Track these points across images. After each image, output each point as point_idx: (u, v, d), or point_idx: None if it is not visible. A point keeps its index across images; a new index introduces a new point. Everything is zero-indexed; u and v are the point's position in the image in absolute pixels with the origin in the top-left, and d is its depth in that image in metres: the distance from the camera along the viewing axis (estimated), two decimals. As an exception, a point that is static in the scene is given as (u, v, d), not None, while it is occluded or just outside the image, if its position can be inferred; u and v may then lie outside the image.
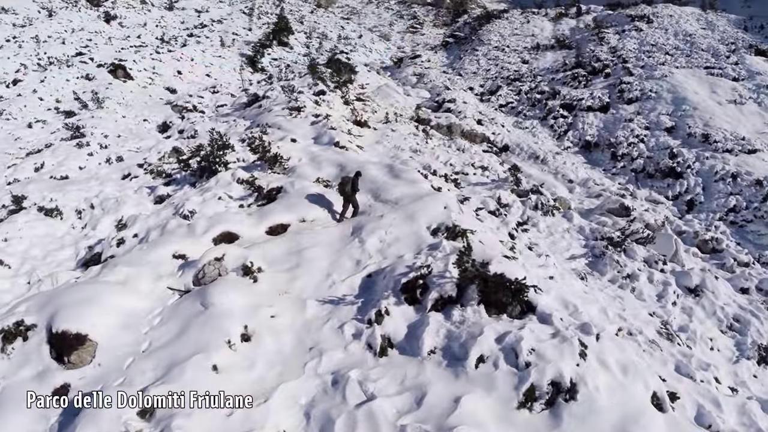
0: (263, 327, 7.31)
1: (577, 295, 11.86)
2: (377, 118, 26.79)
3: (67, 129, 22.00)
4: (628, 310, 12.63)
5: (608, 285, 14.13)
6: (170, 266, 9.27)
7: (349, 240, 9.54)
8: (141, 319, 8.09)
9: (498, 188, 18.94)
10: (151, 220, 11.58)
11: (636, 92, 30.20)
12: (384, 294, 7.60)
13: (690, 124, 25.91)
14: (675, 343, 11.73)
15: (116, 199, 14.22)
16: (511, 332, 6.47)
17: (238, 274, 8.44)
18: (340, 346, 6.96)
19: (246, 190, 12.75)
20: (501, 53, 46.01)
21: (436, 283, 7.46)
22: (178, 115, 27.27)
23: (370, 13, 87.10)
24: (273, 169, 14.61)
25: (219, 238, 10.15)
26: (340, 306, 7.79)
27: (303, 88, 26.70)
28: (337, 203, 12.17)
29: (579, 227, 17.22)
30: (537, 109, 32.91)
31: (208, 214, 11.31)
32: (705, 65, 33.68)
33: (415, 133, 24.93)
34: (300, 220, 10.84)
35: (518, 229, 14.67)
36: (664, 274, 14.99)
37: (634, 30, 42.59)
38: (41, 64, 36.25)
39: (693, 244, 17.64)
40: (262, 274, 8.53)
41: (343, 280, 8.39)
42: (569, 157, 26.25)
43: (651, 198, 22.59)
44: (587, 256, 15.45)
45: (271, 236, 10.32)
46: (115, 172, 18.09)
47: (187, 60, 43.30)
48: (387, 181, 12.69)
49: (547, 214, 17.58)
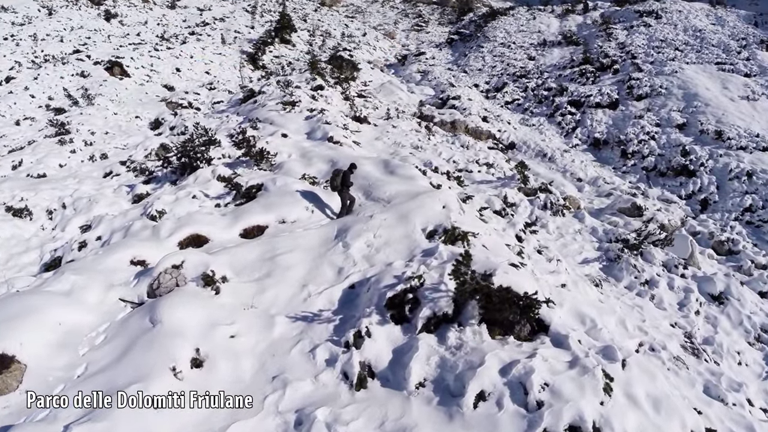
0: (219, 350, 6.06)
1: (593, 305, 10.60)
2: (378, 114, 25.71)
3: (51, 126, 20.95)
4: (648, 321, 11.48)
5: (625, 292, 12.89)
6: (126, 274, 8.06)
7: (331, 244, 8.27)
8: (82, 337, 6.89)
9: (504, 186, 17.74)
10: (116, 222, 10.41)
11: (646, 88, 29.11)
12: (366, 310, 6.32)
13: (702, 121, 24.87)
14: (702, 359, 10.69)
15: (89, 198, 13.08)
16: (518, 362, 5.16)
17: (198, 284, 7.21)
18: (310, 375, 5.69)
19: (225, 188, 11.53)
20: (507, 50, 44.76)
21: (428, 298, 6.17)
22: (171, 112, 26.22)
23: (375, 11, 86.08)
24: (259, 166, 13.41)
25: (186, 242, 8.95)
26: (314, 324, 6.53)
27: (300, 84, 25.56)
28: (326, 201, 10.94)
29: (591, 228, 15.94)
30: (544, 106, 31.88)
31: (179, 214, 10.10)
32: (716, 61, 32.72)
33: (417, 130, 23.80)
34: (279, 221, 9.59)
35: (526, 230, 13.35)
36: (685, 280, 13.77)
37: (642, 26, 41.58)
38: (36, 62, 35.46)
39: (708, 245, 16.75)
40: (227, 285, 7.29)
41: (321, 292, 7.12)
42: (578, 155, 25.15)
43: (663, 197, 21.52)
44: (601, 259, 14.19)
45: (246, 239, 9.10)
46: (97, 170, 17.02)
47: (187, 58, 42.47)
48: (380, 177, 11.42)
49: (557, 214, 16.32)
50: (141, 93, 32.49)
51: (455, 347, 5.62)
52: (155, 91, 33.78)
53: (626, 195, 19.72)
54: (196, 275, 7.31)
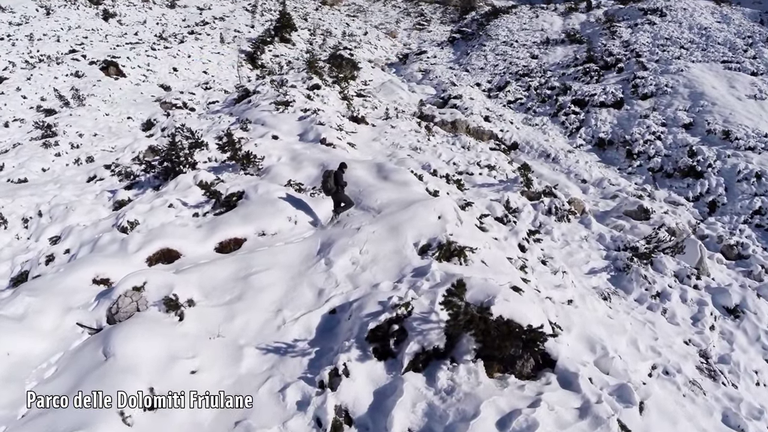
0: (177, 389, 5.30)
1: (603, 324, 9.83)
2: (377, 114, 24.97)
3: (37, 128, 20.19)
4: (661, 338, 10.68)
5: (635, 305, 12.07)
6: (87, 294, 7.29)
7: (313, 261, 7.49)
8: (31, 369, 6.16)
9: (506, 190, 16.94)
10: (86, 233, 9.63)
11: (651, 87, 28.29)
12: (345, 344, 5.52)
13: (709, 121, 24.01)
14: (719, 383, 9.92)
15: (66, 206, 12.31)
16: (519, 412, 4.36)
17: (161, 309, 6.45)
18: (278, 421, 4.91)
19: (204, 196, 10.73)
20: (509, 48, 43.89)
21: (417, 330, 5.37)
22: (164, 113, 25.51)
23: (377, 10, 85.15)
24: (246, 170, 12.63)
25: (155, 257, 8.19)
26: (286, 357, 5.74)
27: (296, 83, 24.78)
28: (313, 209, 10.15)
29: (598, 235, 15.12)
30: (547, 105, 31.07)
31: (152, 225, 9.31)
32: (722, 59, 31.90)
33: (416, 130, 23.03)
34: (259, 234, 8.80)
35: (530, 238, 12.51)
36: (699, 291, 12.95)
37: (647, 23, 40.76)
38: (30, 62, 34.84)
39: (717, 249, 15.99)
40: (193, 310, 6.52)
41: (297, 318, 6.33)
42: (582, 156, 24.33)
43: (670, 199, 20.73)
44: (609, 269, 13.36)
45: (221, 254, 8.34)
46: (81, 174, 16.30)
47: (184, 57, 41.81)
48: (372, 183, 10.61)
49: (562, 219, 15.50)
50: (136, 93, 31.79)
51: (446, 391, 4.81)
52: (151, 91, 33.08)
53: (632, 197, 18.92)
54: (159, 298, 6.55)
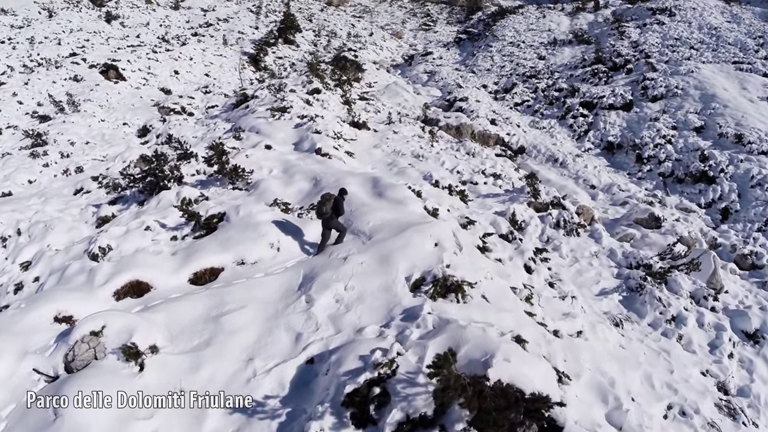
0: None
1: (615, 358, 9.05)
2: (379, 118, 24.25)
3: (28, 136, 19.59)
4: (676, 370, 9.90)
5: (649, 331, 11.27)
6: (47, 335, 6.61)
7: (293, 297, 6.74)
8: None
9: (512, 201, 16.15)
10: (56, 260, 8.93)
11: (661, 89, 27.23)
12: (318, 408, 4.78)
13: (721, 124, 22.99)
14: (739, 422, 9.23)
15: (46, 223, 11.64)
16: None
17: (120, 357, 5.74)
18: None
19: (183, 218, 9.98)
20: (516, 49, 42.94)
21: (401, 395, 4.61)
22: (161, 118, 24.92)
23: (383, 11, 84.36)
24: (234, 184, 11.93)
25: (124, 290, 7.49)
26: (254, 419, 5.02)
27: (296, 87, 24.06)
28: (299, 232, 9.42)
29: (609, 250, 14.29)
30: (555, 107, 30.15)
31: (126, 251, 8.59)
32: (733, 60, 30.77)
33: (420, 135, 22.32)
34: (237, 263, 8.08)
35: (536, 257, 11.68)
36: (716, 314, 12.13)
37: (655, 23, 39.65)
38: (29, 66, 34.47)
39: (730, 258, 15.38)
40: (155, 358, 5.81)
41: (270, 369, 5.60)
42: (590, 160, 23.47)
43: (682, 206, 19.82)
44: (621, 289, 12.53)
45: (195, 286, 7.62)
46: (68, 186, 15.70)
47: (186, 59, 41.32)
48: (366, 201, 9.85)
49: (571, 233, 14.70)
50: (135, 97, 31.26)
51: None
52: (151, 94, 32.56)
53: (643, 204, 18.10)
54: (118, 345, 5.84)
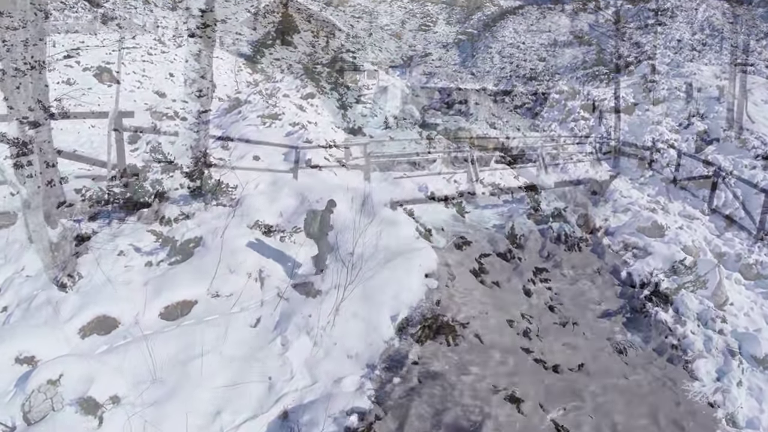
0: None
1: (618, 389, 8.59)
2: (376, 123, 23.77)
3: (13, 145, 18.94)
4: (683, 404, 9.23)
5: (654, 357, 10.72)
6: (8, 377, 6.09)
7: (269, 337, 6.24)
8: None
9: (511, 213, 15.68)
10: (25, 288, 8.35)
11: (663, 92, 27.03)
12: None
13: (724, 128, 22.72)
14: None
15: (21, 243, 11.08)
16: None
17: (78, 410, 5.24)
18: None
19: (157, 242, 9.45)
20: (516, 50, 42.48)
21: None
22: (152, 123, 24.39)
23: (383, 11, 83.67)
24: (218, 200, 11.41)
25: (90, 327, 6.98)
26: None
27: (290, 91, 23.56)
28: (282, 256, 8.90)
29: (612, 267, 13.76)
30: (555, 110, 29.59)
31: (96, 280, 8.07)
32: (736, 62, 30.06)
33: (417, 141, 21.79)
34: (212, 295, 7.57)
35: (536, 278, 11.14)
36: (724, 338, 11.45)
37: (657, 24, 39.05)
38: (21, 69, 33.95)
39: (735, 268, 14.70)
40: (115, 410, 5.31)
41: (239, 426, 5.10)
42: (592, 165, 22.86)
43: (685, 212, 19.28)
44: (624, 310, 11.98)
45: (166, 321, 7.12)
46: (51, 198, 15.14)
47: (182, 61, 40.79)
48: (354, 223, 9.31)
49: (573, 248, 14.20)
50: (128, 101, 30.73)
51: None
52: (145, 98, 32.07)
53: (645, 211, 17.53)
54: (77, 396, 5.33)
